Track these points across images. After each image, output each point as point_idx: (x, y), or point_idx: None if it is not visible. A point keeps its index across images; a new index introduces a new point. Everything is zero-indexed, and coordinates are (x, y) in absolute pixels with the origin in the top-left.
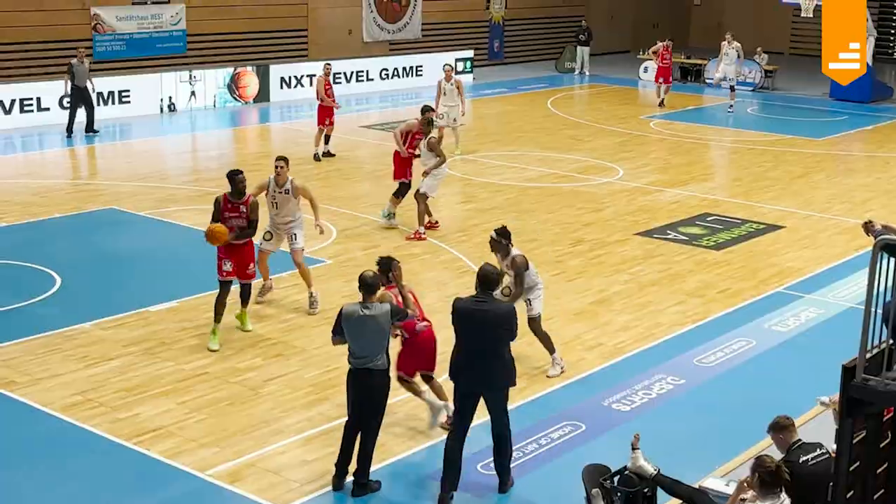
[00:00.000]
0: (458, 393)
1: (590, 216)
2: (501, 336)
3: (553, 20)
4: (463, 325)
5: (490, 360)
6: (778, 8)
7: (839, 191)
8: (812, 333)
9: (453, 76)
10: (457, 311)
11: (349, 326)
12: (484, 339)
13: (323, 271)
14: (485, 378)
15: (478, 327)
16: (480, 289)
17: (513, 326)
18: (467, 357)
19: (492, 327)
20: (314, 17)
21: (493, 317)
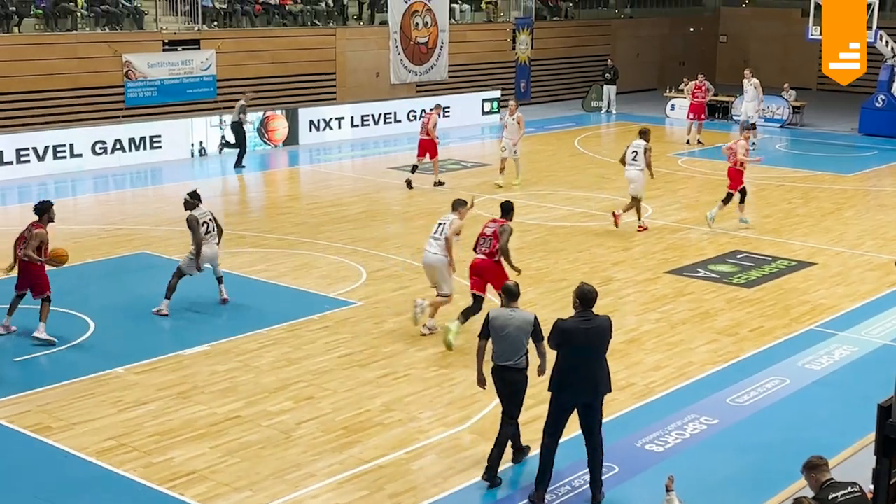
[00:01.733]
0: (561, 404)
1: (619, 255)
2: (604, 347)
3: (579, 59)
4: (574, 342)
5: (597, 370)
6: (804, 44)
7: (870, 227)
8: (846, 371)
9: (516, 111)
10: (567, 330)
11: (495, 329)
12: (592, 351)
13: (353, 313)
14: (594, 386)
15: (587, 342)
16: (583, 307)
17: (611, 336)
18: (577, 369)
19: (599, 340)
20: (342, 61)
21: (601, 330)
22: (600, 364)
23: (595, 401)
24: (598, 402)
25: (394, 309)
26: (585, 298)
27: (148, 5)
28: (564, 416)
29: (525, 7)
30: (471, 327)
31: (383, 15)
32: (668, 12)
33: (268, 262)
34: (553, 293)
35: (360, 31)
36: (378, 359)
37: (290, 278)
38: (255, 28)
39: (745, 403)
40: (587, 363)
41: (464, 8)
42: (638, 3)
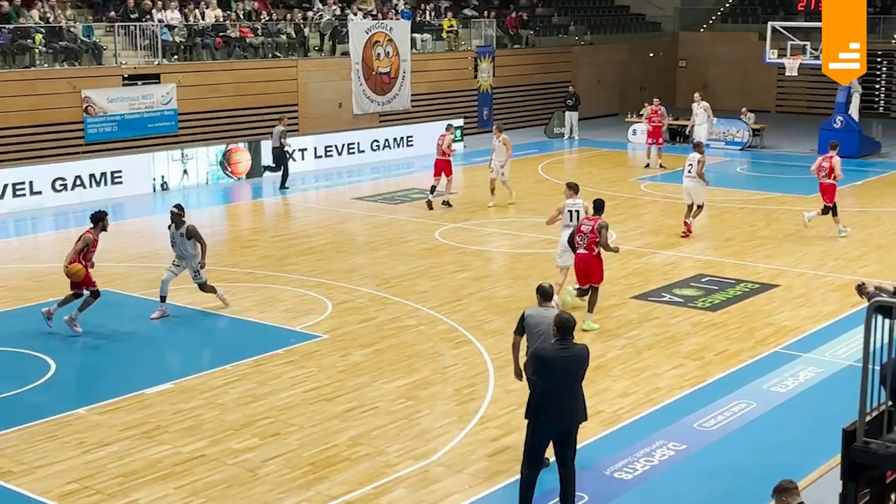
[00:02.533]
0: (539, 432)
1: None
2: (581, 375)
3: (541, 86)
4: (550, 371)
5: (574, 398)
6: (763, 67)
7: (831, 247)
8: (811, 393)
9: (502, 134)
10: (545, 359)
11: (529, 326)
12: (569, 380)
13: (319, 346)
14: (571, 415)
15: (565, 370)
16: (561, 335)
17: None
18: (555, 397)
19: (577, 368)
20: (304, 92)
21: (579, 358)
22: (577, 392)
23: (571, 429)
24: (574, 430)
25: (360, 341)
26: (564, 327)
27: (107, 40)
28: (543, 445)
29: (486, 36)
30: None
31: (344, 46)
32: (628, 38)
33: (232, 296)
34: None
35: (321, 63)
36: (344, 392)
37: (254, 312)
38: (215, 61)
39: (712, 428)
40: (564, 391)
41: (425, 37)
42: (598, 29)
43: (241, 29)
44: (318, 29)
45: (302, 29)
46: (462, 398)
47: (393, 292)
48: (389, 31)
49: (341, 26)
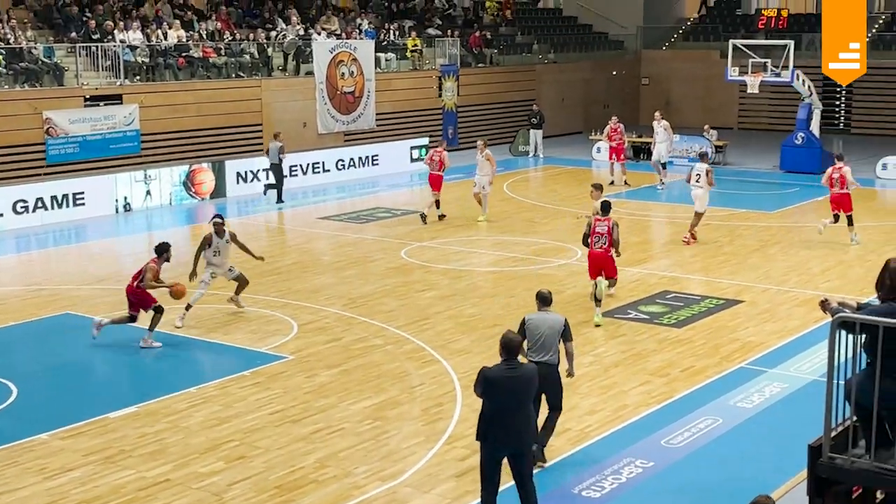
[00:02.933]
0: (489, 454)
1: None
2: (530, 396)
3: (505, 105)
4: (496, 391)
5: (523, 419)
6: (724, 85)
7: (795, 263)
8: (777, 408)
9: (485, 149)
10: (491, 379)
11: (530, 330)
12: (517, 400)
13: (284, 368)
14: (519, 436)
15: (512, 390)
16: (507, 355)
17: (537, 385)
18: (503, 418)
19: (524, 388)
20: (268, 112)
21: (526, 379)
22: (526, 413)
23: (523, 450)
24: (526, 451)
25: (326, 362)
26: (509, 347)
27: (68, 61)
28: (496, 467)
29: (450, 55)
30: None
31: (308, 65)
32: (591, 56)
33: (197, 318)
34: (486, 340)
35: (285, 82)
36: (311, 414)
37: (219, 334)
38: (178, 81)
39: (679, 445)
40: (512, 412)
41: (389, 57)
42: (561, 48)
43: (204, 49)
44: (281, 49)
45: (266, 49)
46: (429, 418)
47: (359, 312)
48: (353, 51)
49: (305, 46)
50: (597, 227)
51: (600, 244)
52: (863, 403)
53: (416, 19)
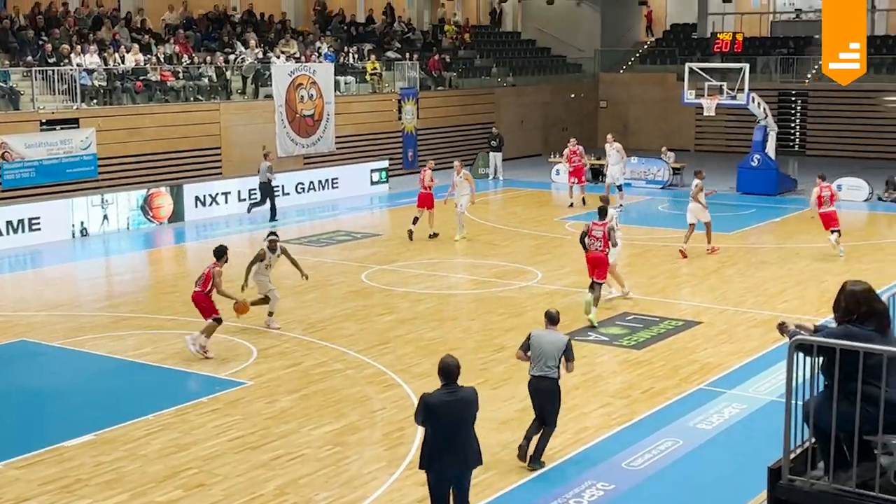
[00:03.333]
0: (436, 480)
1: (511, 321)
2: (471, 418)
3: (465, 127)
4: (439, 416)
5: (465, 442)
6: (681, 107)
7: (752, 284)
8: (736, 429)
9: (462, 170)
10: (431, 405)
11: (533, 346)
12: (459, 424)
13: (244, 393)
14: (463, 459)
15: (453, 415)
16: (446, 379)
17: (477, 407)
18: (446, 443)
19: (465, 412)
20: (227, 135)
21: (467, 402)
22: (468, 436)
23: (464, 475)
24: (467, 475)
25: (286, 387)
26: (447, 371)
27: (24, 85)
28: (445, 492)
29: (409, 78)
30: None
31: (267, 89)
32: (550, 79)
33: (154, 343)
34: None
35: (244, 106)
36: (271, 440)
37: (177, 360)
38: (136, 105)
39: (640, 467)
40: (455, 436)
41: (349, 80)
42: (520, 71)
43: (162, 72)
44: (240, 72)
45: (224, 72)
46: (391, 443)
47: (319, 336)
48: (313, 74)
49: (264, 69)
50: (593, 230)
51: (595, 246)
52: (821, 426)
53: (376, 43)
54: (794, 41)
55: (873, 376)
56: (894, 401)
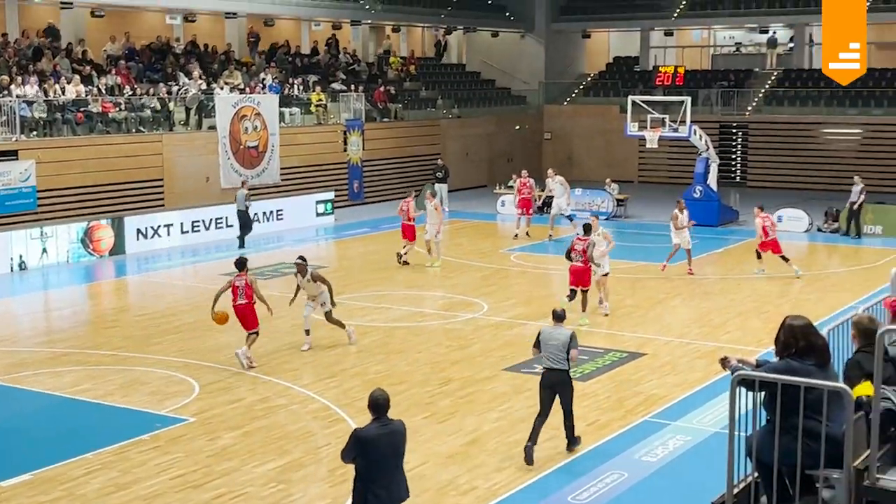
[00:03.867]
0: None
1: (458, 354)
2: (403, 450)
3: (410, 159)
4: (374, 450)
5: (397, 475)
6: (624, 139)
7: (696, 315)
8: (681, 461)
9: (434, 199)
10: (365, 439)
11: (544, 341)
12: (392, 457)
13: (185, 430)
14: (396, 493)
15: (387, 448)
16: (377, 413)
17: (406, 438)
18: (381, 477)
19: (398, 444)
20: (169, 167)
21: (398, 435)
22: (399, 469)
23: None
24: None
25: (229, 423)
26: (377, 405)
27: None
28: None
29: (355, 109)
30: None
31: (211, 120)
32: (494, 111)
33: (94, 380)
34: (393, 397)
35: (187, 137)
36: (213, 478)
37: (118, 396)
38: (76, 137)
39: (586, 500)
40: (388, 470)
41: (293, 111)
42: (465, 103)
43: (104, 104)
44: (183, 103)
45: (167, 103)
46: (336, 479)
47: (263, 371)
48: (257, 105)
49: (208, 100)
50: (576, 245)
51: (578, 259)
52: (764, 460)
53: (321, 74)
54: (734, 74)
55: (814, 411)
56: (835, 435)
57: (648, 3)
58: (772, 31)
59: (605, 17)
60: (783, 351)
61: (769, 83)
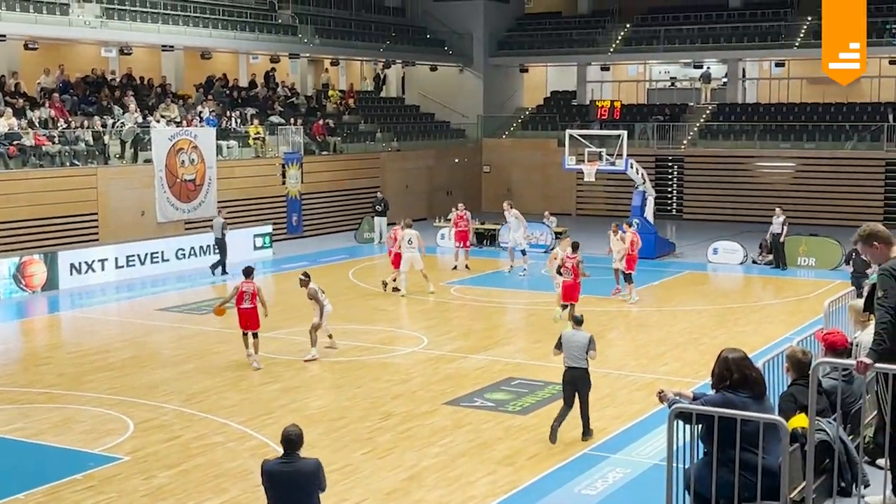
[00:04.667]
0: None
1: (398, 388)
2: (311, 491)
3: (350, 192)
4: (274, 484)
5: None
6: (562, 172)
7: (633, 347)
8: (621, 494)
9: (407, 230)
10: (266, 472)
11: (565, 343)
12: (294, 494)
13: (120, 469)
14: None
15: (290, 485)
16: (286, 449)
17: (320, 479)
18: None
19: (303, 483)
20: (104, 201)
21: (304, 474)
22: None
23: None
24: None
25: (164, 462)
26: (286, 440)
27: None
28: None
29: (293, 142)
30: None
31: (147, 153)
32: (434, 144)
33: (25, 418)
34: (332, 433)
35: (122, 170)
36: None
37: (50, 435)
38: (9, 170)
39: None
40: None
41: (231, 144)
42: (404, 136)
43: (37, 137)
44: (119, 136)
45: (102, 136)
46: None
47: (199, 408)
48: (194, 138)
49: (143, 133)
50: (566, 262)
51: (568, 276)
52: (701, 493)
53: (259, 107)
54: (669, 108)
55: (750, 443)
56: (771, 467)
57: (585, 38)
58: (706, 66)
59: (542, 51)
60: (718, 383)
61: (704, 117)
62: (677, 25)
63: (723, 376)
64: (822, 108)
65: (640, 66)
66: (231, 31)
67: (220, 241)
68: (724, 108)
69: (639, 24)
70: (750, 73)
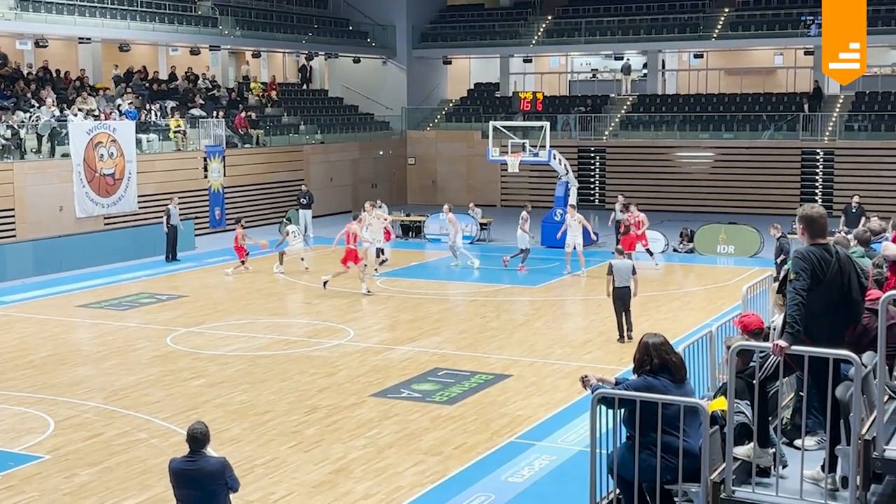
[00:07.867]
0: None
1: (324, 381)
2: (216, 490)
3: (273, 185)
4: (178, 483)
5: None
6: (486, 164)
7: (558, 335)
8: (547, 481)
9: (373, 209)
10: (171, 470)
11: (615, 268)
12: (198, 493)
13: (40, 468)
14: None
15: (191, 481)
16: (191, 447)
17: (226, 480)
18: None
19: (205, 481)
20: (21, 196)
21: (207, 472)
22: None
23: None
24: None
25: (86, 460)
26: (190, 438)
27: None
28: None
29: (215, 135)
30: None
31: (65, 147)
32: (358, 137)
33: None
34: (258, 427)
35: (39, 165)
36: None
37: None
38: None
39: None
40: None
41: (151, 137)
42: (328, 128)
43: None
44: (35, 130)
45: (18, 131)
46: None
47: (122, 405)
48: (113, 132)
49: (61, 127)
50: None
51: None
52: (624, 476)
53: (179, 100)
54: (591, 100)
55: (672, 426)
56: (692, 449)
57: (507, 31)
58: (626, 57)
59: (465, 43)
60: (639, 368)
61: (624, 108)
62: (598, 17)
63: (643, 361)
64: (739, 99)
65: (562, 57)
66: (150, 23)
67: (174, 229)
68: (645, 99)
69: (560, 17)
70: (669, 64)
